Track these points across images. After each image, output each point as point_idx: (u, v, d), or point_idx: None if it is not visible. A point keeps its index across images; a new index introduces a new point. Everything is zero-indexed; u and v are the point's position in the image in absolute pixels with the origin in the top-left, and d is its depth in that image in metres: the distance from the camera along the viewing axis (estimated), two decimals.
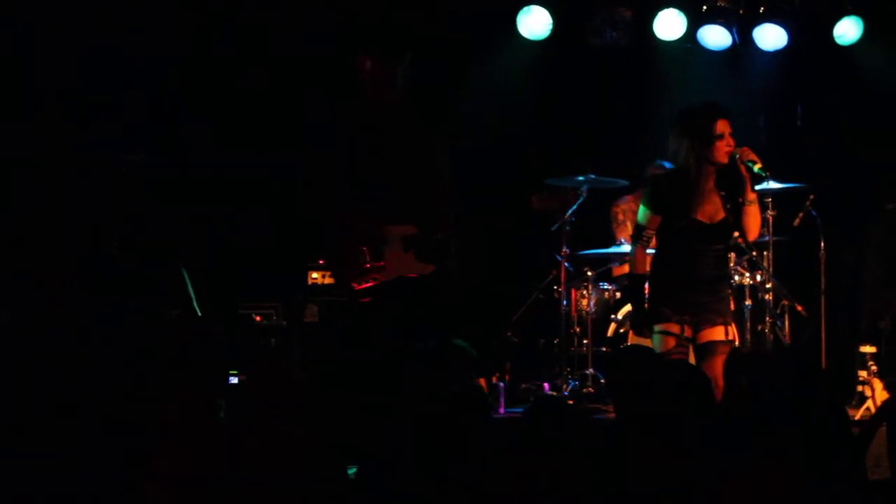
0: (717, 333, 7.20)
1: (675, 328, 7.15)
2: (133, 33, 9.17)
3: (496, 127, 10.48)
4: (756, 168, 7.08)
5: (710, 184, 7.17)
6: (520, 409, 8.29)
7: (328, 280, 8.44)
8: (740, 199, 7.16)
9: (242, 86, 9.80)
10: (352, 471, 5.00)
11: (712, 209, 7.18)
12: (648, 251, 7.39)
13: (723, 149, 7.07)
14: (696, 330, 7.19)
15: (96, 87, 8.93)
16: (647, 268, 7.37)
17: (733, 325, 7.43)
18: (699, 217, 7.15)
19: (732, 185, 7.18)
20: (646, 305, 7.37)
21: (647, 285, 7.42)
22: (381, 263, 7.26)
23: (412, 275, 7.24)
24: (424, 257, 7.29)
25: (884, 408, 6.24)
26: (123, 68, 9.16)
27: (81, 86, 8.85)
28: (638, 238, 7.32)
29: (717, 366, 6.88)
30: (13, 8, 8.86)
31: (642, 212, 7.31)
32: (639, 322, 7.42)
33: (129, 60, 9.20)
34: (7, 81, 8.64)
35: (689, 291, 7.18)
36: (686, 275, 7.20)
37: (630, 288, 7.64)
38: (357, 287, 7.29)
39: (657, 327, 7.20)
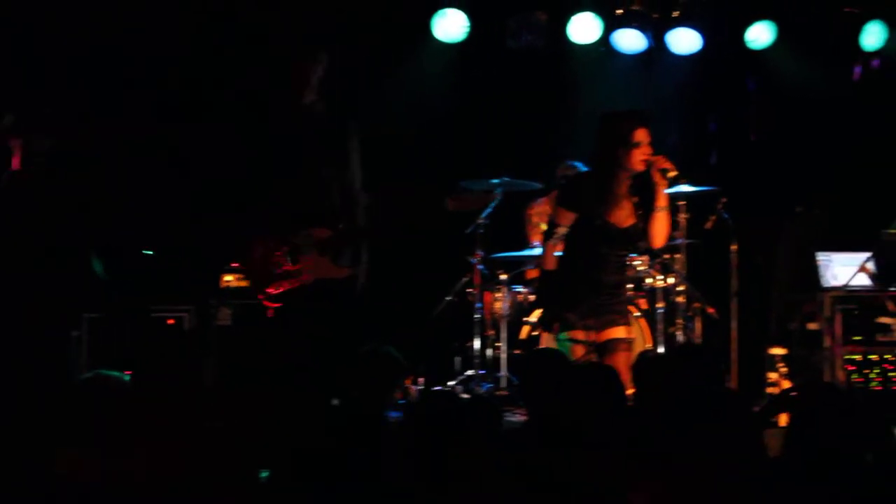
0: (618, 332, 7.26)
1: (580, 335, 7.20)
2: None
3: (412, 129, 10.48)
4: (670, 176, 7.11)
5: (624, 189, 7.23)
6: None
7: (241, 283, 8.42)
8: (652, 206, 7.22)
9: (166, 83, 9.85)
10: (264, 475, 4.97)
11: (623, 214, 7.24)
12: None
13: (639, 156, 7.10)
14: (599, 331, 7.25)
15: None
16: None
17: (640, 324, 7.51)
18: (611, 220, 7.20)
19: (645, 191, 7.23)
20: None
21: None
22: (298, 267, 7.24)
23: (330, 277, 7.24)
24: (339, 261, 7.29)
25: (785, 395, 6.29)
26: None
27: None
28: (550, 234, 7.35)
29: (617, 362, 6.98)
30: (12, 6, 8.82)
31: (562, 212, 7.31)
32: (549, 319, 7.44)
33: None
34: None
35: (593, 294, 7.22)
36: (591, 278, 7.24)
37: (540, 284, 7.64)
38: (272, 291, 7.27)
39: (564, 335, 7.24)
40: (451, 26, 10.44)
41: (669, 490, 3.88)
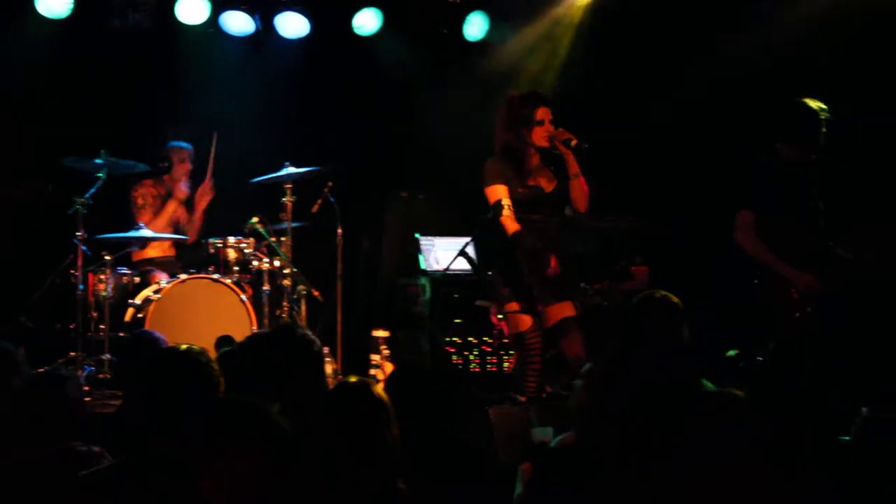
0: (568, 309, 7.62)
1: (516, 306, 7.59)
2: None
3: (11, 104, 10.19)
4: (573, 144, 7.55)
5: (536, 161, 7.73)
6: None
7: None
8: (566, 175, 7.67)
9: None
10: None
11: (544, 181, 7.70)
12: None
13: (541, 133, 7.63)
14: (545, 305, 7.59)
15: None
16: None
17: (246, 307, 7.62)
18: (538, 185, 7.67)
19: (557, 163, 7.72)
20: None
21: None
22: None
23: None
24: None
25: None
26: None
27: None
28: (500, 209, 7.53)
29: (579, 341, 7.51)
30: None
31: (494, 188, 7.61)
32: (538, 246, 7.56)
33: None
34: None
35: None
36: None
37: (526, 245, 7.58)
38: None
39: (540, 307, 7.54)
40: (53, 2, 10.18)
41: (247, 468, 3.95)
